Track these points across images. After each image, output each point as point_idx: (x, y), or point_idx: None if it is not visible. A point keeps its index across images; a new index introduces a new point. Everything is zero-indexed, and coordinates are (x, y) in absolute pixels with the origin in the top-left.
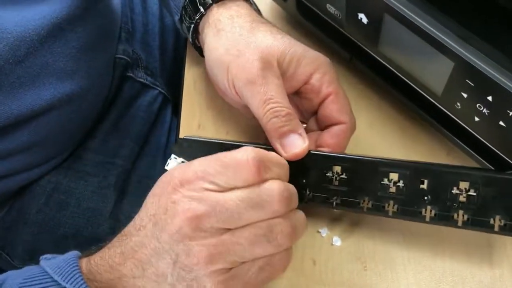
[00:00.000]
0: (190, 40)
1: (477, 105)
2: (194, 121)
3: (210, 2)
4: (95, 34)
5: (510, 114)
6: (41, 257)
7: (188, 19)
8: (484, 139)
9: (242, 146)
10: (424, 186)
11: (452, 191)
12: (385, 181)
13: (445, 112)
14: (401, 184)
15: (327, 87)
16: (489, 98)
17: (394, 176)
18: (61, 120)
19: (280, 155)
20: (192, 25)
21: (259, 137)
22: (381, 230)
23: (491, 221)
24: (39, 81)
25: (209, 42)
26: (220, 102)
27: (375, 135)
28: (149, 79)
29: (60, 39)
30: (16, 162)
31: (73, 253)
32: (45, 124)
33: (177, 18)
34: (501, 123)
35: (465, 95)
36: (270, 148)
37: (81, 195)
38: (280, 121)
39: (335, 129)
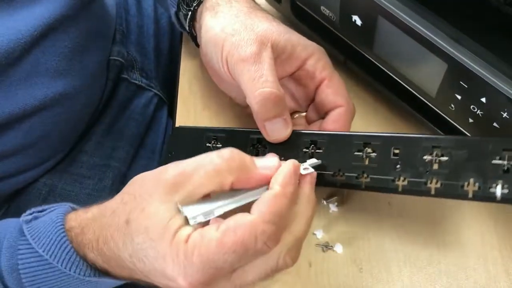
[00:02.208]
0: (187, 27)
1: (471, 106)
2: (189, 122)
3: None
4: (88, 34)
5: (503, 116)
6: (22, 219)
7: (185, 6)
8: None
9: (235, 131)
10: (396, 156)
11: (424, 158)
12: (359, 152)
13: (440, 113)
14: (373, 154)
15: (321, 72)
16: (483, 99)
17: (368, 148)
18: (55, 120)
19: (264, 136)
20: (190, 12)
21: None
22: (377, 232)
23: (465, 186)
24: (31, 80)
25: (206, 22)
26: (215, 103)
27: None
28: (144, 81)
29: (52, 39)
30: (11, 165)
31: (61, 228)
32: (38, 125)
33: (173, 10)
34: (495, 124)
35: (458, 97)
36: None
37: (76, 198)
38: (268, 104)
39: (333, 114)
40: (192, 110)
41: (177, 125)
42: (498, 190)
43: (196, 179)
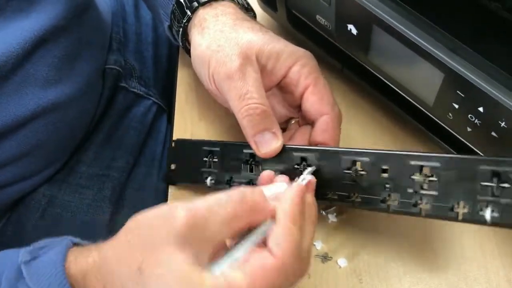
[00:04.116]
0: (180, 43)
1: (469, 115)
2: (187, 133)
3: (196, 5)
4: (80, 43)
5: (501, 125)
6: (20, 259)
7: (176, 23)
8: (477, 149)
9: (229, 145)
10: (385, 173)
11: (413, 177)
12: (349, 170)
13: (438, 122)
14: (363, 172)
15: (305, 79)
16: (480, 109)
17: (357, 165)
18: (49, 129)
19: (255, 152)
20: (181, 29)
21: None
22: (377, 242)
23: (455, 208)
24: (22, 91)
25: (194, 40)
26: (212, 113)
27: (368, 144)
28: (142, 89)
29: (42, 49)
30: (7, 174)
31: (60, 269)
32: (32, 134)
33: (167, 24)
34: (493, 133)
35: (456, 106)
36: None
37: (76, 209)
38: (255, 119)
39: (320, 123)
40: (189, 121)
41: (174, 136)
42: (488, 214)
43: (212, 230)
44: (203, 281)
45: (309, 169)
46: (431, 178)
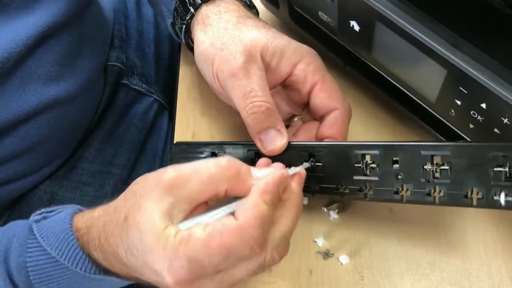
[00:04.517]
0: (183, 40)
1: (471, 112)
2: (189, 130)
3: (199, 2)
4: (81, 40)
5: (504, 122)
6: (31, 219)
7: (179, 20)
8: None
9: (233, 145)
10: (397, 164)
11: (425, 167)
12: (359, 163)
13: (440, 119)
14: (374, 165)
15: (312, 76)
16: (483, 105)
17: (367, 158)
18: (50, 125)
19: (260, 150)
20: (184, 26)
21: None
22: (378, 239)
23: (468, 195)
24: (24, 87)
25: (197, 37)
26: (215, 111)
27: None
28: (144, 86)
29: (45, 46)
30: (9, 170)
31: (68, 227)
32: (33, 130)
33: (169, 21)
34: (495, 130)
35: (458, 102)
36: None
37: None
38: (259, 117)
39: (329, 118)
40: (191, 118)
41: (176, 133)
42: (502, 198)
43: (192, 186)
44: (165, 230)
45: (303, 165)
46: (443, 167)
